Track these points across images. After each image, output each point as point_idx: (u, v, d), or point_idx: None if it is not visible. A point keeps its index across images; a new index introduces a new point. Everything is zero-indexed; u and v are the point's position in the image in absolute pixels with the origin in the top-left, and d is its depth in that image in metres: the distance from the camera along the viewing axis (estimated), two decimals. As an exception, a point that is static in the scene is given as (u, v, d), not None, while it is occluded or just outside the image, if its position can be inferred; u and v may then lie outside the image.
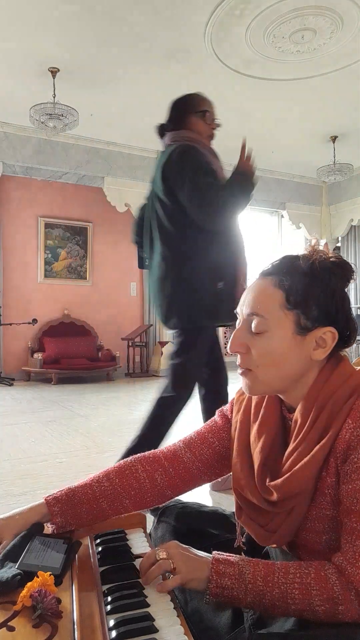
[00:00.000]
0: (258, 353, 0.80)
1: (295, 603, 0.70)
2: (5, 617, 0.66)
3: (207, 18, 4.16)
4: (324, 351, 0.80)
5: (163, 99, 5.67)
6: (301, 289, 0.79)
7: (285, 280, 0.80)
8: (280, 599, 0.71)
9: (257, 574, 0.73)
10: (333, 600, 0.69)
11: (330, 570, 0.71)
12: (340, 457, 0.75)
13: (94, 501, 0.92)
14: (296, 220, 8.64)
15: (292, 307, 0.79)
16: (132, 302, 8.13)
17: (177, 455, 0.98)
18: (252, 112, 6.03)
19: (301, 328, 0.79)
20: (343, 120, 6.29)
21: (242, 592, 0.73)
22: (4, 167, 6.27)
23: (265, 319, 0.79)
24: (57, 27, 4.24)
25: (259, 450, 0.85)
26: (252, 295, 0.82)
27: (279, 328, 0.79)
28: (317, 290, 0.79)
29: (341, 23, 4.19)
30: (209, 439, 0.98)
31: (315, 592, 0.70)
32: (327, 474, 0.76)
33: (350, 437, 0.73)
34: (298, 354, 0.80)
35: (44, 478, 2.43)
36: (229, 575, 0.74)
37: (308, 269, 0.80)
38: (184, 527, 1.00)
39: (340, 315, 0.80)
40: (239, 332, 0.82)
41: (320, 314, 0.79)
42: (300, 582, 0.71)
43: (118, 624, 0.67)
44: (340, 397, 0.77)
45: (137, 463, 0.97)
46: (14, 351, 7.15)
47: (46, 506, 0.90)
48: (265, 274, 0.83)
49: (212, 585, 0.74)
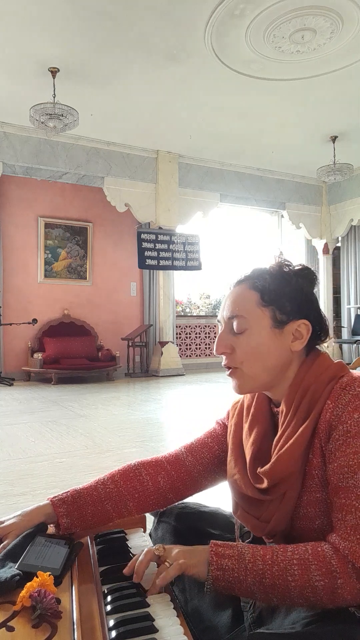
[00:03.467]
0: (242, 350, 0.86)
1: (295, 580, 0.71)
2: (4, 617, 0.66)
3: (207, 18, 4.15)
4: (300, 342, 0.86)
5: (163, 99, 5.72)
6: (274, 287, 0.87)
7: (258, 283, 0.88)
8: (281, 577, 0.72)
9: (256, 554, 0.75)
10: (332, 574, 0.70)
11: (327, 546, 0.73)
12: (323, 437, 0.79)
13: (99, 503, 0.94)
14: (296, 220, 8.63)
15: (268, 304, 0.86)
16: (132, 302, 8.14)
17: (179, 460, 1.01)
18: (252, 112, 6.03)
19: (277, 322, 0.86)
20: (343, 120, 6.29)
21: (242, 573, 0.74)
22: (4, 167, 6.27)
23: (245, 318, 0.86)
24: (58, 27, 4.24)
25: (251, 444, 0.89)
26: (230, 300, 0.89)
27: (258, 324, 0.86)
28: (288, 288, 0.87)
29: (341, 23, 4.18)
30: (208, 443, 1.02)
31: (314, 567, 0.71)
32: (313, 456, 0.80)
33: (331, 417, 0.78)
34: (278, 346, 0.86)
35: (44, 478, 2.42)
36: (229, 557, 0.75)
37: (277, 272, 0.89)
38: (184, 527, 1.01)
39: (311, 311, 0.88)
40: (223, 335, 0.89)
41: (293, 308, 0.86)
42: (299, 558, 0.72)
43: (118, 624, 0.67)
44: (320, 383, 0.83)
45: (141, 467, 1.00)
46: (14, 351, 7.15)
47: (52, 507, 0.91)
48: (239, 282, 0.91)
49: (213, 568, 0.75)
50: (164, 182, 7.29)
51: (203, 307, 9.15)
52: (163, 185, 7.29)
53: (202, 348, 8.56)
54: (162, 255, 7.28)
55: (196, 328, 8.54)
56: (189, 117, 6.18)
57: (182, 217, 7.55)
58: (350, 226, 8.55)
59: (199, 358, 8.50)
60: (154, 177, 7.28)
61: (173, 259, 7.37)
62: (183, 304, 8.95)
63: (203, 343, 8.58)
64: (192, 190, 7.65)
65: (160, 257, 7.27)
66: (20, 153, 6.33)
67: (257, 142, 7.05)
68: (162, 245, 7.28)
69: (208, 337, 8.63)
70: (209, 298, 9.27)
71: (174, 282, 7.69)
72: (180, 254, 7.44)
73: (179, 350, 7.93)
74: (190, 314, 8.87)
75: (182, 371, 7.43)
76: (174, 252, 7.38)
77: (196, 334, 8.53)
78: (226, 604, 0.90)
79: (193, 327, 8.51)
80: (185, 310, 8.95)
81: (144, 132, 6.65)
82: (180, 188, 7.50)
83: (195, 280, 9.07)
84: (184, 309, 8.93)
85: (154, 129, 6.55)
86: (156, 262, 7.25)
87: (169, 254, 7.33)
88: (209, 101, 5.73)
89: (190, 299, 9.16)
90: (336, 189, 8.64)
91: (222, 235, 9.17)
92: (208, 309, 9.14)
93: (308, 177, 8.49)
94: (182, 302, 8.91)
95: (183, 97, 5.61)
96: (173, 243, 7.37)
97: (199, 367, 8.34)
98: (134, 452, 2.90)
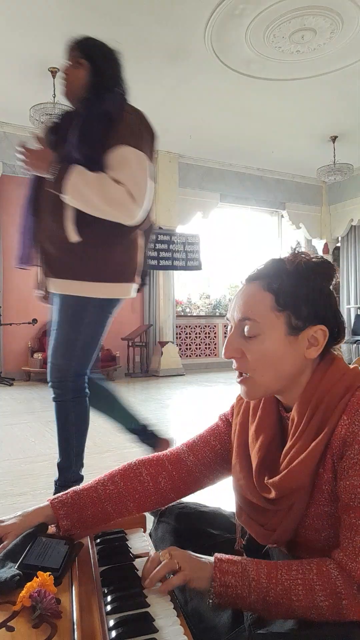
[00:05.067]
0: (253, 357, 0.81)
1: (299, 599, 0.70)
2: (4, 618, 0.66)
3: (207, 18, 4.15)
4: (316, 349, 0.82)
5: (163, 99, 5.71)
6: (289, 289, 0.80)
7: (273, 283, 0.81)
8: (284, 596, 0.71)
9: (260, 572, 0.74)
10: (336, 595, 0.69)
11: (332, 565, 0.72)
12: (336, 453, 0.75)
13: (99, 504, 0.93)
14: (296, 220, 8.63)
15: (283, 309, 0.80)
16: (132, 302, 8.13)
17: (180, 459, 0.99)
18: (252, 112, 6.03)
19: (293, 328, 0.80)
20: (343, 120, 6.29)
21: (245, 590, 0.73)
22: (4, 167, 6.26)
23: (257, 322, 0.81)
24: (57, 27, 4.24)
25: (257, 450, 0.86)
26: (242, 300, 0.83)
27: (272, 330, 0.80)
28: (305, 290, 0.81)
29: (341, 23, 4.18)
30: (211, 442, 0.99)
31: (318, 587, 0.70)
32: (323, 471, 0.77)
33: (346, 433, 0.74)
34: (292, 354, 0.81)
35: (44, 478, 2.42)
36: (233, 573, 0.74)
37: (294, 270, 0.82)
38: (184, 527, 1.01)
39: (328, 313, 0.82)
40: (232, 338, 0.83)
41: (310, 313, 0.81)
42: (303, 578, 0.71)
43: (118, 624, 0.67)
44: (335, 394, 0.78)
45: (141, 466, 0.98)
46: (14, 351, 7.14)
47: (52, 509, 0.91)
48: (252, 279, 0.84)
49: (216, 584, 0.74)
50: (164, 182, 7.29)
51: (203, 307, 9.15)
52: (163, 185, 7.28)
53: (202, 348, 8.55)
54: (162, 256, 7.29)
55: (196, 328, 8.53)
56: (189, 117, 6.18)
57: (182, 217, 7.54)
58: (350, 226, 8.55)
59: (199, 358, 8.49)
60: (154, 177, 7.27)
61: (173, 259, 7.37)
62: (183, 304, 8.95)
63: (203, 343, 8.57)
64: (192, 191, 7.65)
65: (160, 257, 7.27)
66: (20, 153, 6.32)
67: (257, 142, 7.04)
68: (162, 246, 7.28)
69: (208, 337, 8.62)
70: (209, 298, 9.28)
71: (174, 282, 7.70)
72: (180, 254, 7.44)
73: (179, 350, 7.92)
74: (190, 314, 8.86)
75: (182, 371, 7.43)
76: (174, 252, 7.38)
77: (196, 334, 8.52)
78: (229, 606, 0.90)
79: (193, 327, 8.51)
80: (185, 310, 8.95)
81: (144, 132, 6.64)
82: (180, 188, 7.50)
83: (195, 280, 9.07)
84: (184, 309, 8.92)
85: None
86: (156, 262, 7.26)
87: (169, 254, 7.33)
88: (209, 101, 5.73)
89: (190, 299, 9.16)
90: (336, 189, 8.63)
91: (222, 235, 9.17)
92: (208, 309, 9.14)
93: (308, 177, 8.48)
94: (182, 302, 8.91)
95: (183, 97, 5.61)
96: (173, 243, 7.37)
97: (199, 367, 8.33)
98: (134, 452, 2.89)
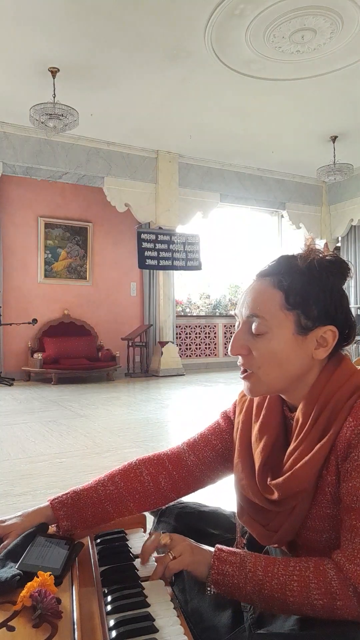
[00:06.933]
0: (259, 354, 0.79)
1: (293, 595, 0.71)
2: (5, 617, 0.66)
3: (207, 18, 4.15)
4: (325, 350, 0.79)
5: (163, 99, 5.71)
6: (300, 288, 0.78)
7: (284, 281, 0.79)
8: (279, 591, 0.72)
9: (257, 564, 0.74)
10: (331, 595, 0.69)
11: (329, 565, 0.72)
12: (340, 455, 0.74)
13: (99, 504, 0.93)
14: (296, 220, 8.63)
15: (292, 307, 0.78)
16: (132, 302, 8.13)
17: (181, 459, 0.98)
18: (252, 112, 6.03)
19: (302, 328, 0.78)
20: (343, 120, 6.29)
21: (242, 580, 0.74)
22: (4, 167, 6.27)
23: (266, 320, 0.79)
24: (57, 27, 4.24)
25: (260, 450, 0.85)
26: (251, 296, 0.81)
27: (280, 329, 0.78)
28: (316, 289, 0.78)
29: (341, 23, 4.18)
30: (212, 440, 0.98)
31: (313, 585, 0.70)
32: (327, 473, 0.76)
33: (351, 435, 0.73)
34: (299, 354, 0.79)
35: (44, 478, 2.42)
36: (230, 563, 0.75)
37: (306, 269, 0.79)
38: (184, 527, 1.00)
39: (339, 314, 0.80)
40: (240, 334, 0.81)
41: (320, 313, 0.78)
42: (299, 575, 0.71)
43: (118, 624, 0.67)
44: (342, 396, 0.77)
45: (141, 466, 0.97)
46: (14, 351, 7.14)
47: (51, 509, 0.91)
48: (263, 275, 0.82)
49: (214, 572, 0.75)
50: (164, 182, 7.29)
51: (203, 307, 9.15)
52: (163, 185, 7.29)
53: (202, 348, 8.55)
54: (162, 255, 7.29)
55: (196, 328, 8.54)
56: (189, 117, 6.18)
57: (182, 217, 7.55)
58: (350, 226, 8.55)
59: (199, 358, 8.50)
60: (154, 177, 7.28)
61: (173, 259, 7.37)
62: (183, 304, 8.95)
63: (203, 343, 8.57)
64: (192, 190, 7.65)
65: (160, 257, 7.27)
66: (20, 153, 6.33)
67: (257, 142, 7.04)
68: (162, 245, 7.28)
69: (208, 337, 8.62)
70: (209, 298, 9.28)
71: (174, 282, 7.70)
72: (180, 254, 7.44)
73: (179, 350, 7.93)
74: (190, 314, 8.87)
75: (182, 371, 7.43)
76: (174, 252, 7.38)
77: (196, 334, 8.52)
78: (226, 604, 0.89)
79: (193, 327, 8.51)
80: (185, 310, 8.95)
81: (144, 132, 6.64)
82: (180, 188, 7.50)
83: (195, 280, 9.07)
84: (184, 309, 8.93)
85: (154, 129, 6.55)
86: (156, 262, 7.26)
87: (169, 254, 7.33)
88: (209, 101, 5.73)
89: (190, 299, 9.17)
90: (336, 189, 8.63)
91: (222, 235, 9.17)
92: (208, 309, 9.14)
93: (308, 177, 8.48)
94: (182, 302, 8.91)
95: (183, 97, 5.61)
96: (173, 243, 7.37)
97: (199, 367, 8.34)
98: (133, 452, 2.89)
